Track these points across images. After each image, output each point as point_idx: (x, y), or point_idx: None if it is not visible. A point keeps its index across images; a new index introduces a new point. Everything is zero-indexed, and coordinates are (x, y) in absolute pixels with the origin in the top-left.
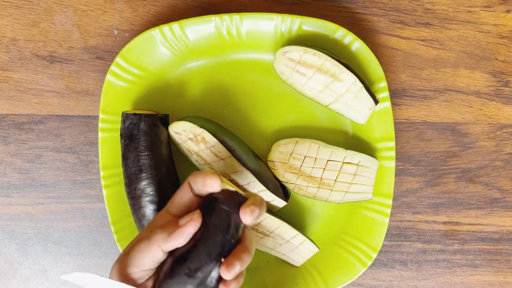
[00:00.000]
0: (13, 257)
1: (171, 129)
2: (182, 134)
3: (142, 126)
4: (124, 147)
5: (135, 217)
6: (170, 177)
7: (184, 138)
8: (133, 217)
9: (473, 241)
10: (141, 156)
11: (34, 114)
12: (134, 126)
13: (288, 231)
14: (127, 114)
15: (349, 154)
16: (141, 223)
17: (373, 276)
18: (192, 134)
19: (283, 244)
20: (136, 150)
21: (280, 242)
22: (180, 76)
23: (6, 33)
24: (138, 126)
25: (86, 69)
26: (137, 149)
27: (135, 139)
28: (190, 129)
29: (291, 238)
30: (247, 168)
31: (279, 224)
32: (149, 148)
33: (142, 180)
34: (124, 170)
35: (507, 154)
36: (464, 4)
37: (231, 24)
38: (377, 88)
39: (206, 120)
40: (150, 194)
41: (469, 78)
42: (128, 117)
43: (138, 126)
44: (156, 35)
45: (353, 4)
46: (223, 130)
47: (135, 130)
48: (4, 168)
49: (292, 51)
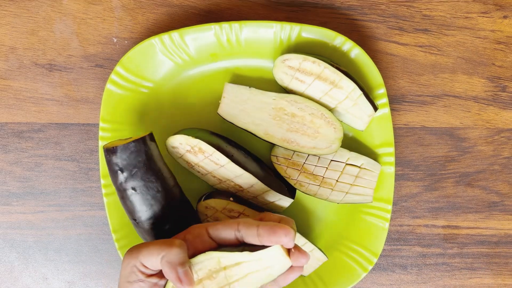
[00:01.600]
0: (13, 265)
1: (168, 144)
2: (179, 147)
3: (147, 150)
4: (129, 179)
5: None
6: (176, 187)
7: (182, 152)
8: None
9: (472, 245)
10: (152, 178)
11: (33, 122)
12: (137, 154)
13: (297, 239)
14: (124, 145)
15: (353, 156)
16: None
17: (373, 280)
18: (189, 146)
19: None
20: (147, 175)
21: None
22: (180, 84)
23: (5, 42)
24: (144, 151)
25: (86, 77)
26: (149, 174)
27: (144, 166)
28: (186, 141)
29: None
30: (248, 171)
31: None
32: (157, 170)
33: (164, 199)
34: (135, 202)
35: (505, 158)
36: (461, 10)
37: (231, 32)
38: (376, 94)
39: (200, 130)
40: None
41: (467, 84)
42: (126, 149)
43: (143, 152)
44: (156, 43)
45: (352, 11)
46: (218, 137)
47: (140, 157)
48: (4, 177)
49: (292, 59)
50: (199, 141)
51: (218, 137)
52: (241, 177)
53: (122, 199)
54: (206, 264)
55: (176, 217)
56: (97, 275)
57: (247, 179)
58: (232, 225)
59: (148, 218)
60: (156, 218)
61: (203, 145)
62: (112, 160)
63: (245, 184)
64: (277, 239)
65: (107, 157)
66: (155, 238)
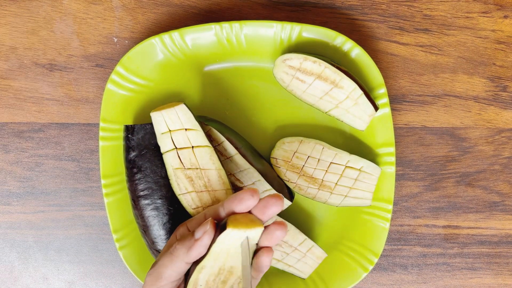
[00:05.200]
0: (13, 265)
1: None
2: None
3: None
4: (138, 158)
5: (155, 230)
6: None
7: None
8: (152, 232)
9: (472, 245)
10: (159, 164)
11: (34, 122)
12: (151, 136)
13: (296, 235)
14: (141, 125)
15: (353, 159)
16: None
17: (374, 280)
18: None
19: (290, 253)
20: (155, 158)
21: (288, 250)
22: (180, 84)
23: (5, 42)
24: (155, 135)
25: (86, 77)
26: (157, 157)
27: (154, 148)
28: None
29: (299, 244)
30: (254, 167)
31: (288, 227)
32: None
33: (165, 186)
34: (138, 180)
35: (505, 158)
36: (462, 10)
37: (231, 32)
38: (376, 94)
39: (211, 119)
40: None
41: (468, 84)
42: (142, 128)
43: (154, 136)
44: (156, 43)
45: (352, 11)
46: (228, 129)
47: (153, 140)
48: (4, 176)
49: (292, 58)
50: (210, 128)
51: (228, 129)
52: (245, 172)
53: (127, 177)
54: None
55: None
56: (97, 275)
57: (251, 174)
58: (201, 215)
59: (146, 203)
60: (154, 203)
61: (213, 132)
62: (128, 137)
63: (247, 180)
64: (241, 202)
65: (124, 133)
66: (147, 223)
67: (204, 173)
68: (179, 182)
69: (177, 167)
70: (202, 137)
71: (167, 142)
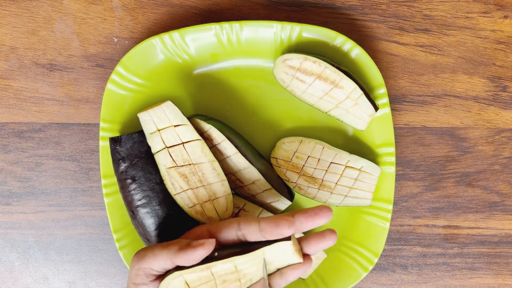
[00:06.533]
0: (14, 265)
1: None
2: None
3: (145, 142)
4: (130, 169)
5: (159, 237)
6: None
7: None
8: (157, 240)
9: (472, 245)
10: (152, 170)
11: (34, 122)
12: (140, 144)
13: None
14: (128, 135)
15: (353, 158)
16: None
17: (374, 280)
18: (199, 132)
19: None
20: (147, 165)
21: None
22: (180, 84)
23: (6, 42)
24: (143, 143)
25: (86, 77)
26: (149, 164)
27: (145, 156)
28: (197, 126)
29: None
30: (254, 165)
31: None
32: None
33: (162, 191)
34: (133, 190)
35: (505, 158)
36: (462, 10)
37: (231, 32)
38: (376, 94)
39: (211, 118)
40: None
41: (468, 84)
42: (129, 138)
43: (143, 144)
44: (156, 43)
45: (352, 11)
46: (229, 128)
47: (142, 148)
48: (4, 176)
49: (292, 58)
50: (210, 126)
51: (229, 128)
52: (245, 171)
53: (121, 189)
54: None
55: (174, 211)
56: (98, 275)
57: (251, 174)
58: (233, 224)
59: (145, 212)
60: (153, 211)
61: (214, 131)
62: (115, 149)
63: (247, 179)
64: (280, 231)
65: (111, 146)
66: (150, 231)
67: (198, 167)
68: (173, 181)
69: (169, 166)
70: (191, 132)
71: (157, 142)
